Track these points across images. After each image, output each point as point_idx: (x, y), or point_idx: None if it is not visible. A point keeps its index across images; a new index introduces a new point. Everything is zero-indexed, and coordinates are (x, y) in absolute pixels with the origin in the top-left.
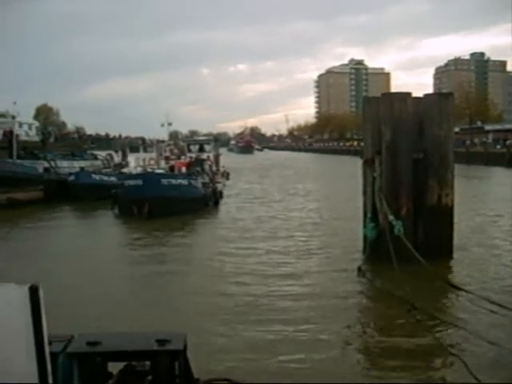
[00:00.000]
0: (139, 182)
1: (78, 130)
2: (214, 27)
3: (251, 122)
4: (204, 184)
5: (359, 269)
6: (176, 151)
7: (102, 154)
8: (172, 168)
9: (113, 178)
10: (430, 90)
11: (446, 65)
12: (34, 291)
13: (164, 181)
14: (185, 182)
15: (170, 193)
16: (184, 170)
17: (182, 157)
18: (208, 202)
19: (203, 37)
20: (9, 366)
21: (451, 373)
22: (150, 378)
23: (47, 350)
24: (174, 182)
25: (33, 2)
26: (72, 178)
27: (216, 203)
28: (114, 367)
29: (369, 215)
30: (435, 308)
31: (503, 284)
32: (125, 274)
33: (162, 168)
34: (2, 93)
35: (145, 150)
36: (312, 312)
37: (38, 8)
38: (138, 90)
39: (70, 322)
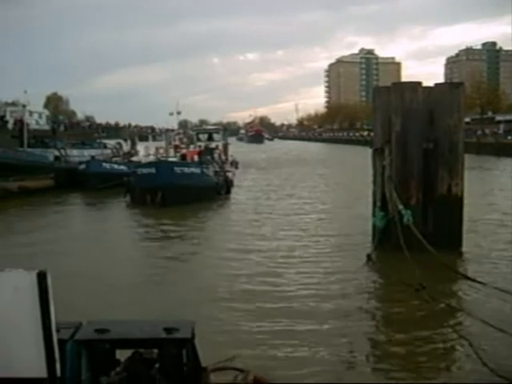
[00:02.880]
0: (152, 170)
1: (88, 119)
2: (224, 16)
3: (261, 112)
4: (216, 172)
5: (368, 256)
6: (185, 140)
7: (111, 142)
8: (184, 156)
9: (123, 167)
10: (441, 80)
11: (457, 55)
12: (42, 277)
13: (177, 169)
14: (197, 170)
15: (182, 181)
16: (196, 158)
17: (191, 146)
18: (220, 190)
19: (214, 26)
20: (17, 353)
21: (460, 357)
22: (157, 365)
23: (55, 336)
24: (186, 170)
25: None
26: (82, 166)
27: (228, 192)
28: (122, 354)
29: (378, 204)
30: (443, 294)
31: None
32: (139, 262)
33: (172, 156)
34: (12, 82)
35: (154, 139)
36: (320, 297)
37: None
38: (148, 80)
39: (78, 309)
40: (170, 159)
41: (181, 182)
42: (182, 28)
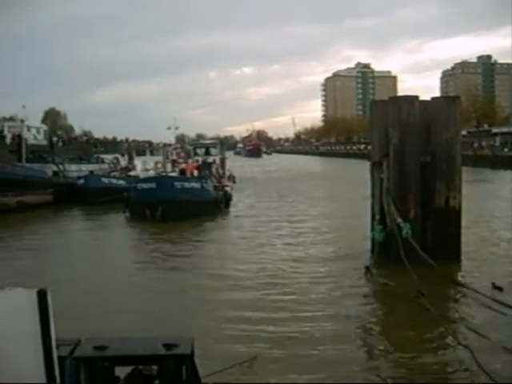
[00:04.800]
0: (153, 185)
1: (86, 134)
2: (220, 30)
3: (258, 126)
4: (215, 187)
5: (367, 268)
6: (183, 154)
7: (108, 157)
8: (183, 171)
9: (121, 182)
10: (437, 93)
11: (453, 68)
12: (42, 295)
13: (177, 184)
14: (197, 185)
15: (183, 196)
16: (196, 173)
17: (189, 160)
18: (219, 204)
19: (209, 40)
20: (17, 370)
21: (459, 364)
22: (157, 382)
23: (55, 353)
24: (187, 185)
25: (42, 6)
26: (81, 181)
27: (227, 206)
28: (122, 371)
29: (377, 217)
30: (442, 303)
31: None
32: (143, 280)
33: (172, 171)
34: (10, 97)
35: (151, 154)
36: (320, 308)
37: (46, 12)
38: (145, 94)
39: (77, 326)
40: (171, 174)
41: (181, 196)
42: (178, 42)
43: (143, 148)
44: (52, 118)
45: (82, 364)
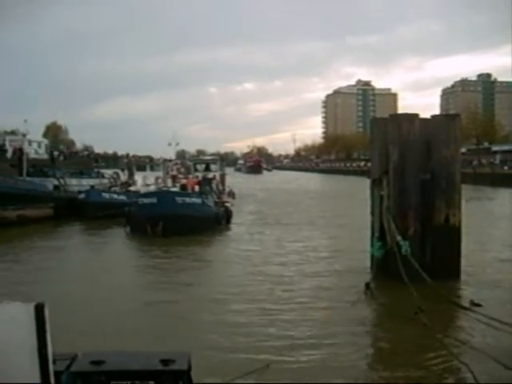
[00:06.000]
0: (154, 199)
1: (87, 149)
2: (220, 46)
3: (258, 142)
4: (216, 203)
5: (367, 285)
6: (183, 170)
7: (108, 172)
8: (184, 186)
9: (122, 197)
10: (437, 111)
11: (453, 86)
12: (39, 309)
13: (178, 199)
14: (198, 200)
15: (184, 211)
16: (197, 188)
17: (190, 176)
18: (221, 220)
19: (209, 56)
20: None
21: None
22: None
23: (51, 368)
24: (188, 200)
25: (42, 21)
26: (82, 196)
27: (228, 222)
28: None
29: (376, 235)
30: (440, 322)
31: (509, 304)
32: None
33: (173, 186)
34: (11, 111)
35: (152, 169)
36: (321, 323)
37: (46, 26)
38: (145, 109)
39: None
40: (172, 189)
41: (182, 212)
42: (177, 58)
43: (143, 163)
44: (53, 132)
45: (79, 379)
